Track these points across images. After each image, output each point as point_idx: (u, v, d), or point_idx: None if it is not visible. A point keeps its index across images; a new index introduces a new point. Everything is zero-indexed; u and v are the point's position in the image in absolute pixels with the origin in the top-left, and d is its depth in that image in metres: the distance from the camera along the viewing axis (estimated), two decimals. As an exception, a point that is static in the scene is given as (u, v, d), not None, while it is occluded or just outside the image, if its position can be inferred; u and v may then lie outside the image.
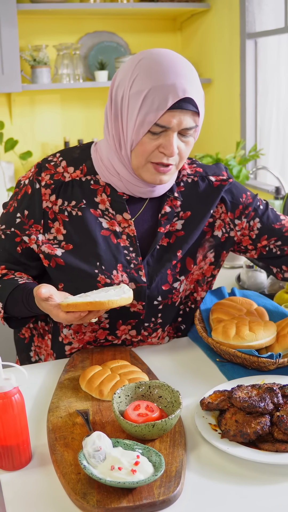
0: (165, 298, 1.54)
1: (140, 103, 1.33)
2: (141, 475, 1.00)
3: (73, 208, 1.47)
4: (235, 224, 1.60)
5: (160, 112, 1.32)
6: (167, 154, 1.36)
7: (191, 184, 1.56)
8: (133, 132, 1.36)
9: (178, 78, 1.32)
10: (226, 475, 1.08)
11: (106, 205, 1.48)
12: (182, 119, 1.34)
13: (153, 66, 1.33)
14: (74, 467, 1.08)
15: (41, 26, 3.38)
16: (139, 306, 1.51)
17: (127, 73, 1.37)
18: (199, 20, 3.46)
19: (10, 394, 1.08)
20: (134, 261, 1.49)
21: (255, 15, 2.96)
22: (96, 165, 1.48)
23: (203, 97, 1.38)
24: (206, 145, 3.56)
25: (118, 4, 3.25)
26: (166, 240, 1.52)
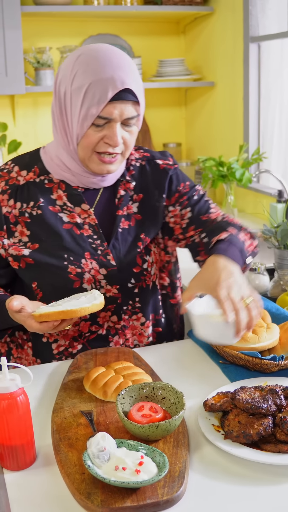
0: (138, 280, 1.60)
1: (82, 97, 1.40)
2: (145, 475, 1.01)
3: (32, 209, 1.53)
4: (169, 211, 1.64)
5: (101, 105, 1.39)
6: (111, 144, 1.44)
7: (139, 168, 1.63)
8: (78, 126, 1.43)
9: (116, 70, 1.39)
10: (229, 475, 1.08)
11: (63, 200, 1.54)
12: (123, 109, 1.41)
13: (91, 61, 1.41)
14: (79, 467, 1.08)
15: (45, 29, 3.39)
16: (114, 290, 1.56)
17: (68, 70, 1.44)
18: (202, 23, 3.47)
19: (15, 395, 1.08)
20: (100, 247, 1.55)
21: (259, 19, 2.97)
22: (47, 165, 1.55)
23: (142, 86, 1.46)
24: (209, 149, 3.57)
25: (121, 7, 3.26)
26: (127, 223, 1.59)
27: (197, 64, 3.60)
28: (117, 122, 1.43)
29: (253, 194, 3.16)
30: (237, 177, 2.93)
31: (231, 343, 1.29)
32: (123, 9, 3.26)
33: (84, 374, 1.42)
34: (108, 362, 1.47)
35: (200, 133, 3.68)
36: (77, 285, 1.53)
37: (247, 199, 3.23)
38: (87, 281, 1.54)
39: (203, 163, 3.03)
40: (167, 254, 1.69)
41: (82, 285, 1.53)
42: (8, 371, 1.10)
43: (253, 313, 1.25)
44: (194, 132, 3.77)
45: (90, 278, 1.54)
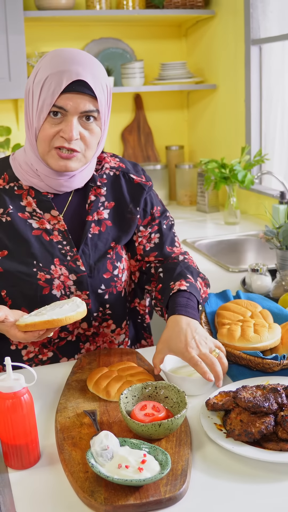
0: (108, 286, 1.60)
1: (39, 90, 1.41)
2: (148, 473, 1.02)
3: (1, 215, 1.52)
4: (139, 230, 1.67)
5: (55, 95, 1.39)
6: (66, 138, 1.42)
7: (113, 177, 1.63)
8: (36, 119, 1.43)
9: (74, 64, 1.40)
10: (231, 473, 1.09)
11: (33, 206, 1.53)
12: (78, 102, 1.40)
13: (54, 57, 1.42)
14: (82, 465, 1.10)
15: (47, 33, 3.41)
16: (84, 296, 1.56)
17: (34, 69, 1.46)
18: (204, 26, 3.48)
19: (19, 394, 1.10)
20: (70, 253, 1.55)
21: (260, 21, 2.98)
22: (16, 171, 1.54)
23: (105, 85, 1.44)
24: (211, 151, 3.59)
25: (123, 11, 3.28)
26: (97, 228, 1.59)
27: (199, 67, 3.61)
28: (73, 115, 1.41)
29: (256, 195, 3.17)
30: (239, 179, 2.95)
31: (208, 391, 1.36)
32: (125, 13, 3.28)
33: (87, 374, 1.44)
34: (111, 362, 1.49)
35: (203, 135, 3.70)
36: (46, 291, 1.52)
37: (250, 200, 3.24)
38: (57, 287, 1.53)
39: (206, 165, 3.04)
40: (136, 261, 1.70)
41: (52, 291, 1.52)
42: (12, 371, 1.11)
43: (224, 360, 1.38)
44: (196, 135, 3.78)
45: (60, 284, 1.53)
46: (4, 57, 3.01)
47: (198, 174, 3.42)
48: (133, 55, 3.61)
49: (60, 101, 1.40)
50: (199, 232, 2.95)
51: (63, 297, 1.54)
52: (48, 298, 1.52)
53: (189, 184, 3.59)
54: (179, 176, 3.61)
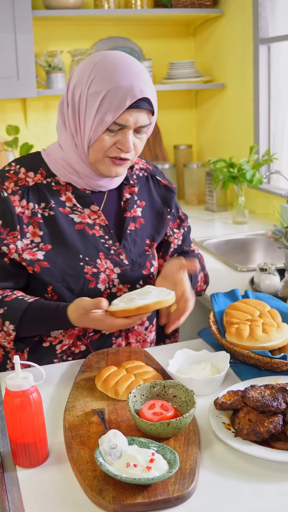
0: (145, 282, 1.64)
1: (99, 103, 1.42)
2: (156, 472, 1.02)
3: (44, 210, 1.54)
4: (174, 232, 1.76)
5: (118, 112, 1.42)
6: (123, 150, 1.47)
7: (142, 178, 1.71)
8: (91, 130, 1.45)
9: (135, 79, 1.43)
10: (239, 473, 1.09)
11: (73, 201, 1.56)
12: (138, 117, 1.45)
13: (110, 68, 1.43)
14: (90, 464, 1.10)
15: (56, 32, 3.42)
16: (124, 289, 1.60)
17: (84, 75, 1.45)
18: (212, 25, 3.48)
19: (28, 393, 1.10)
20: (113, 247, 1.58)
21: (268, 20, 2.97)
22: (52, 167, 1.56)
23: (156, 97, 1.50)
24: (220, 150, 3.58)
25: (132, 10, 3.28)
26: (133, 225, 1.64)
27: (207, 66, 3.61)
28: (131, 129, 1.46)
29: (264, 195, 3.16)
30: (248, 178, 2.94)
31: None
32: (133, 12, 3.28)
33: (96, 373, 1.44)
34: (119, 361, 1.49)
35: (211, 134, 3.69)
36: (92, 285, 1.54)
37: (258, 200, 3.24)
38: (102, 281, 1.55)
39: (214, 164, 3.04)
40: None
41: (97, 285, 1.55)
42: (21, 370, 1.11)
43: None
44: (204, 134, 3.78)
45: (105, 278, 1.56)
46: (12, 56, 3.02)
47: (207, 173, 3.41)
48: (141, 54, 3.60)
49: (121, 118, 1.44)
50: (208, 232, 2.95)
51: (106, 290, 1.56)
52: (93, 292, 1.54)
53: (197, 184, 3.58)
54: (187, 175, 3.61)
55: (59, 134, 1.56)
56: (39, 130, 3.51)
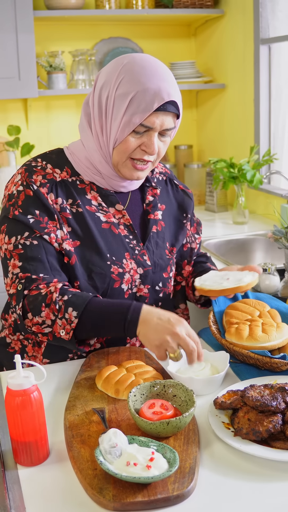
0: (164, 285, 1.66)
1: (127, 104, 1.43)
2: (156, 470, 1.03)
3: (71, 206, 1.54)
4: (195, 238, 1.80)
5: (146, 114, 1.43)
6: (148, 152, 1.48)
7: (162, 182, 1.74)
8: (118, 131, 1.46)
9: (163, 82, 1.44)
10: (238, 472, 1.10)
11: (98, 200, 1.57)
12: (164, 120, 1.46)
13: (138, 70, 1.44)
14: (91, 463, 1.10)
15: (57, 33, 3.43)
16: (145, 290, 1.61)
17: (112, 76, 1.46)
18: (213, 26, 3.48)
19: (29, 392, 1.11)
20: (137, 247, 1.60)
21: (269, 20, 2.98)
22: (76, 166, 1.57)
23: (181, 99, 1.51)
24: (220, 150, 3.59)
25: (133, 10, 3.29)
26: (155, 228, 1.65)
27: (208, 66, 3.62)
28: (156, 131, 1.47)
29: (264, 195, 3.17)
30: (248, 178, 2.95)
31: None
32: (134, 12, 3.29)
33: (96, 372, 1.44)
34: (120, 361, 1.49)
35: (211, 135, 3.70)
36: (116, 285, 1.55)
37: (258, 200, 3.24)
38: (126, 282, 1.56)
39: (214, 164, 3.04)
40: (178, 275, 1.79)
41: (121, 285, 1.56)
42: (22, 369, 1.12)
43: None
44: (205, 134, 3.78)
45: (129, 278, 1.57)
46: (13, 56, 3.03)
47: (207, 173, 3.42)
48: (142, 55, 3.61)
49: (148, 120, 1.45)
50: (208, 232, 2.96)
51: (128, 291, 1.57)
52: (116, 292, 1.55)
53: (197, 184, 3.59)
54: (187, 175, 3.62)
55: (82, 133, 1.56)
56: (40, 130, 3.52)
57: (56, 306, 1.40)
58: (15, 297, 1.46)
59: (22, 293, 1.44)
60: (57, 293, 1.41)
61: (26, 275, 1.46)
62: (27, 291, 1.45)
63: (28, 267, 1.46)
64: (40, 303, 1.41)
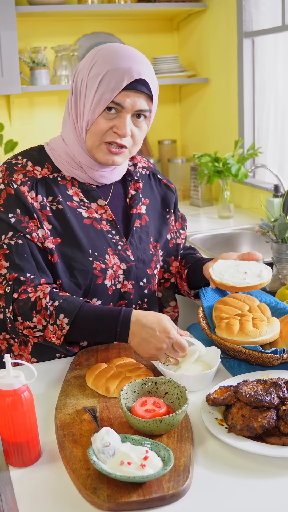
0: (149, 282, 1.64)
1: (97, 84, 1.43)
2: (151, 469, 1.02)
3: (51, 203, 1.52)
4: (180, 233, 1.78)
5: (115, 92, 1.42)
6: (120, 134, 1.45)
7: (145, 176, 1.72)
8: (90, 112, 1.45)
9: (134, 63, 1.43)
10: (233, 468, 1.09)
11: (80, 196, 1.55)
12: (136, 100, 1.44)
13: (111, 53, 1.45)
14: (84, 462, 1.09)
15: (39, 28, 3.39)
16: (129, 286, 1.60)
17: (87, 61, 1.47)
18: (196, 20, 3.47)
19: (19, 392, 1.09)
20: (120, 242, 1.58)
21: (252, 14, 2.97)
22: (57, 162, 1.55)
23: (157, 86, 1.50)
24: (204, 145, 3.58)
25: (115, 5, 3.26)
26: (139, 222, 1.64)
27: (191, 60, 3.60)
28: (128, 112, 1.45)
29: (249, 189, 3.17)
30: (233, 172, 2.94)
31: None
32: (117, 7, 3.26)
33: (86, 370, 1.43)
34: (109, 358, 1.48)
35: (195, 129, 3.69)
36: (99, 281, 1.53)
37: (243, 194, 3.24)
38: (109, 277, 1.55)
39: (199, 159, 3.03)
40: (166, 272, 1.77)
41: (104, 281, 1.54)
42: (12, 368, 1.10)
43: None
44: (188, 129, 3.77)
45: (112, 274, 1.55)
46: (-5, 52, 2.99)
47: (191, 168, 3.41)
48: (125, 49, 3.58)
49: (119, 98, 1.43)
50: (193, 226, 2.95)
51: (112, 286, 1.56)
52: (100, 288, 1.54)
53: (182, 179, 3.58)
54: (172, 170, 3.60)
55: (63, 127, 1.57)
56: (23, 127, 3.49)
57: (48, 312, 1.40)
58: (4, 299, 1.45)
59: (11, 296, 1.44)
60: (46, 299, 1.41)
61: (13, 275, 1.45)
62: (16, 294, 1.44)
63: (15, 267, 1.45)
64: (30, 310, 1.42)
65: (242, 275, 1.58)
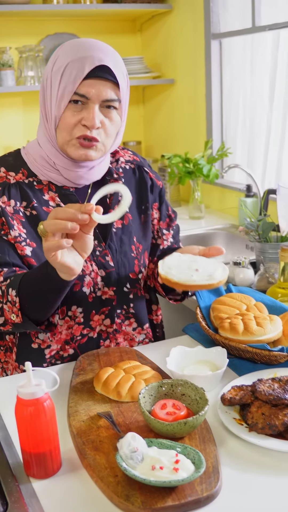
0: (133, 286, 1.59)
1: (60, 78, 1.37)
2: (184, 473, 1.00)
3: (25, 209, 1.48)
4: (163, 233, 1.69)
5: (77, 81, 1.35)
6: (88, 126, 1.38)
7: (129, 171, 1.64)
8: (56, 107, 1.39)
9: (94, 51, 1.36)
10: (259, 467, 1.09)
11: (56, 200, 1.50)
12: (101, 89, 1.37)
13: (72, 46, 1.39)
14: (110, 470, 1.07)
15: (3, 28, 3.32)
16: (110, 292, 1.55)
17: (51, 59, 1.43)
18: (160, 21, 3.47)
19: (42, 400, 1.06)
20: (99, 248, 1.52)
21: (220, 15, 2.99)
22: (32, 166, 1.50)
23: (125, 74, 1.42)
24: (170, 146, 3.58)
25: (80, 5, 3.23)
26: (120, 222, 1.58)
27: (155, 62, 3.60)
28: (95, 103, 1.38)
29: (219, 189, 3.19)
30: (204, 173, 2.96)
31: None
32: (82, 7, 3.23)
33: (91, 375, 1.40)
34: (112, 362, 1.46)
35: (160, 130, 3.69)
36: (77, 288, 1.50)
37: (212, 195, 3.26)
38: (87, 284, 1.51)
39: (169, 160, 3.04)
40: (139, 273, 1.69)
41: (82, 288, 1.50)
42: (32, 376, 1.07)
43: None
44: (153, 130, 3.77)
45: (90, 281, 1.51)
46: None
47: (159, 169, 3.41)
48: (88, 50, 3.56)
49: (82, 88, 1.36)
50: (166, 228, 2.94)
51: (92, 294, 1.51)
52: (78, 296, 1.49)
53: (149, 180, 3.57)
54: (138, 172, 3.59)
55: (38, 130, 1.51)
56: (-14, 128, 3.41)
57: (0, 292, 1.35)
58: None
59: None
60: (1, 278, 1.37)
61: None
62: None
63: None
64: None
65: (191, 272, 1.37)
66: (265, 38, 2.75)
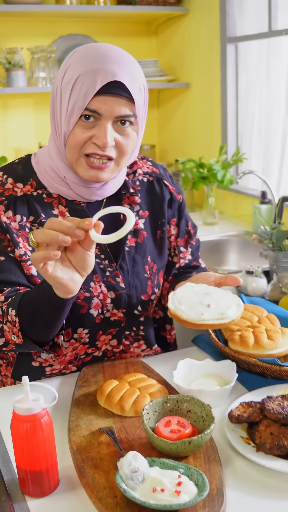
0: (145, 309, 1.49)
1: (70, 91, 1.26)
2: (186, 496, 0.95)
3: (32, 224, 1.37)
4: (180, 251, 1.59)
5: (88, 98, 1.24)
6: (99, 144, 1.27)
7: (147, 184, 1.52)
8: (65, 123, 1.29)
9: (109, 63, 1.24)
10: (266, 490, 1.03)
11: (66, 216, 1.39)
12: (114, 106, 1.26)
13: (85, 55, 1.27)
14: (109, 490, 1.02)
15: (15, 29, 3.30)
16: (119, 314, 1.46)
17: (62, 66, 1.31)
18: (176, 24, 3.43)
19: (39, 416, 1.01)
20: (109, 268, 1.43)
21: (236, 19, 2.94)
22: (42, 178, 1.40)
23: (142, 86, 1.30)
24: (184, 150, 3.54)
25: (94, 6, 3.20)
26: (134, 240, 1.47)
27: (170, 65, 3.56)
28: (108, 120, 1.27)
29: (233, 195, 3.14)
30: (219, 178, 2.90)
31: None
32: (95, 8, 3.20)
33: (94, 388, 1.35)
34: (117, 374, 1.41)
35: (174, 134, 3.64)
36: (83, 310, 1.40)
37: (227, 200, 3.21)
38: (95, 307, 1.41)
39: (183, 165, 2.99)
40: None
41: (89, 310, 1.41)
42: (30, 391, 1.02)
43: None
44: (167, 134, 3.73)
45: (98, 303, 1.41)
46: (-28, 53, 2.89)
47: (173, 173, 3.36)
48: (102, 53, 3.52)
49: (93, 104, 1.25)
50: (179, 233, 2.89)
51: (99, 316, 1.42)
52: (85, 318, 1.40)
53: (162, 184, 3.53)
54: (152, 176, 3.55)
55: (49, 139, 1.41)
56: (-2, 130, 3.39)
57: (1, 312, 1.27)
58: None
59: None
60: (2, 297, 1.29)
61: None
62: None
63: None
64: None
65: (202, 308, 1.29)
66: (282, 42, 2.69)
